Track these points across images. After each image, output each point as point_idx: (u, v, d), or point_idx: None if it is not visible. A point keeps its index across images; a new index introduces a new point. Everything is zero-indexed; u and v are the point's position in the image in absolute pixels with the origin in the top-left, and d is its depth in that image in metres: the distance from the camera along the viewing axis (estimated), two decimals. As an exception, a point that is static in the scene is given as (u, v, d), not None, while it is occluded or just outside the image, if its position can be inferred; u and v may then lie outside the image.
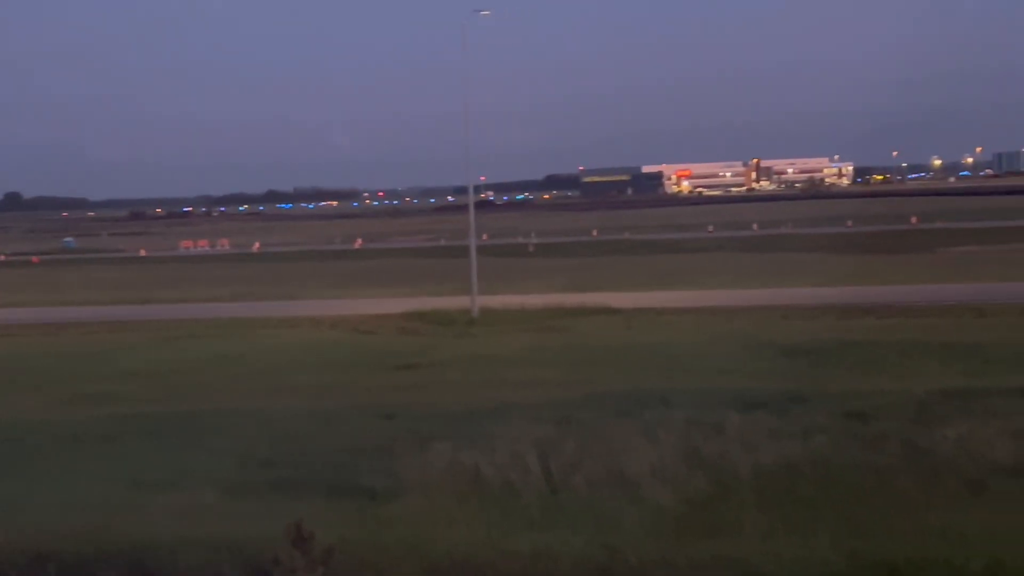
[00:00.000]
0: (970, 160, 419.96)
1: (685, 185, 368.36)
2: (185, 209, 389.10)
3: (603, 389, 33.62)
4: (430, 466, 24.16)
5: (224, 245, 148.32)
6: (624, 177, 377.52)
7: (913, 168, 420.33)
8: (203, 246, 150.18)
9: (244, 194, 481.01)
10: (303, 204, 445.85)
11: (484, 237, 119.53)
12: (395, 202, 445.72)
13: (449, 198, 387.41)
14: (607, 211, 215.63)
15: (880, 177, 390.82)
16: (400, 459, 24.94)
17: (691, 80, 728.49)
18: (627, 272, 79.03)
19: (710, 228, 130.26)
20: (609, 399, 31.43)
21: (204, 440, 28.85)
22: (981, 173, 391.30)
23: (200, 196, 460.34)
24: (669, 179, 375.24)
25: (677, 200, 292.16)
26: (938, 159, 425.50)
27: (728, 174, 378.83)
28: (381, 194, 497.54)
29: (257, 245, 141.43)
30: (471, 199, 65.35)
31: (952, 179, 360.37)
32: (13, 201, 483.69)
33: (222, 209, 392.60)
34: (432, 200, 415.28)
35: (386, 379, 38.32)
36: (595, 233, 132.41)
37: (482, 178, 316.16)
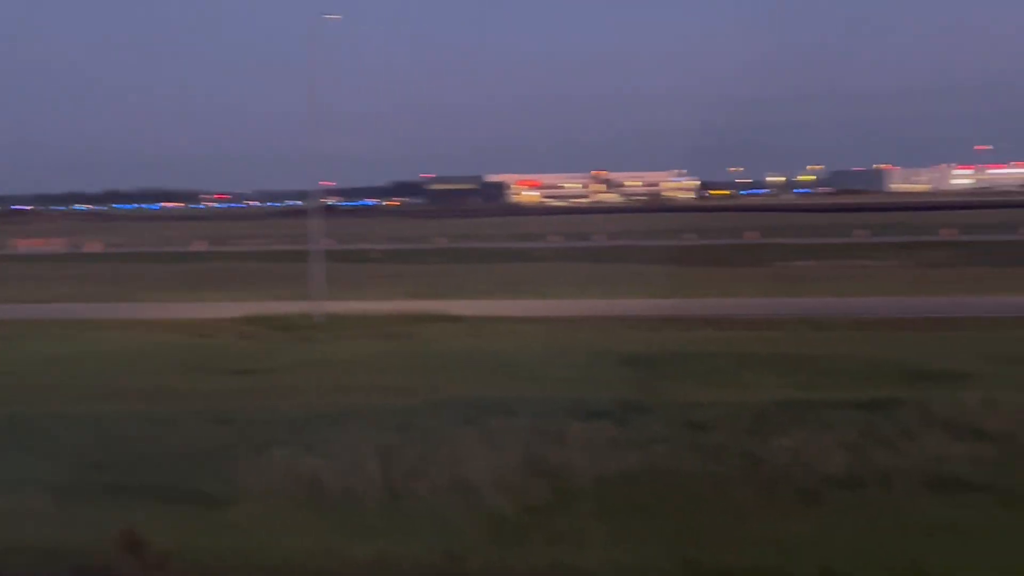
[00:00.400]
0: (807, 177, 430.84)
1: (531, 195, 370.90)
2: (19, 207, 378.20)
3: (446, 396, 33.54)
4: (268, 472, 23.80)
5: (60, 244, 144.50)
6: (471, 186, 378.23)
7: (753, 184, 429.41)
8: (38, 245, 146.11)
9: (83, 193, 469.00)
10: (144, 204, 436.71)
11: (330, 242, 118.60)
12: (239, 204, 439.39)
13: (294, 202, 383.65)
14: (453, 219, 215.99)
15: (721, 192, 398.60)
16: (237, 465, 24.51)
17: (538, 92, 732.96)
18: (473, 280, 79.13)
19: (555, 238, 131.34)
20: (452, 406, 31.37)
21: (32, 443, 27.98)
22: (816, 190, 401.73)
23: (36, 195, 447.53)
24: (515, 189, 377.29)
25: (523, 210, 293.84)
26: (777, 176, 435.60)
27: (573, 185, 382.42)
28: (225, 196, 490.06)
29: (94, 245, 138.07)
30: (316, 203, 64.78)
31: (790, 195, 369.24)
32: None
33: (59, 208, 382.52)
34: (277, 203, 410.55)
35: (224, 384, 37.65)
36: (441, 240, 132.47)
37: (328, 183, 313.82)
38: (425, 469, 23.69)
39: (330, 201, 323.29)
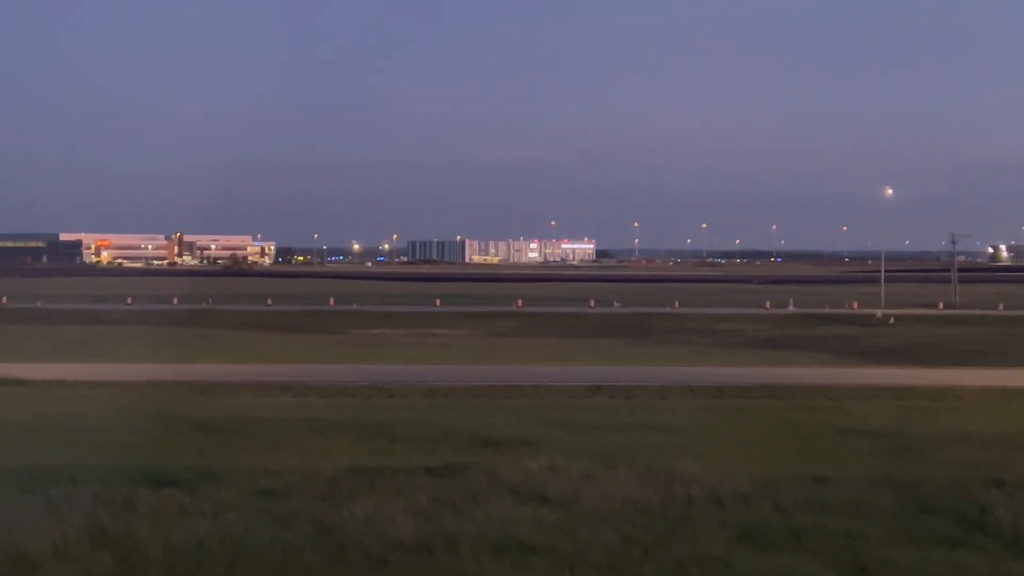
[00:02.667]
0: (387, 246, 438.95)
1: (105, 255, 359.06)
2: None
3: (4, 465, 31.78)
4: None
5: None
6: (39, 244, 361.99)
7: (334, 251, 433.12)
8: None
9: None
10: None
11: None
12: None
13: None
14: (19, 278, 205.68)
15: (302, 258, 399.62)
16: None
17: (111, 153, 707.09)
18: (39, 342, 75.62)
19: (129, 300, 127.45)
20: (11, 475, 29.77)
21: None
22: (396, 259, 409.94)
23: None
24: (89, 248, 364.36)
25: (96, 270, 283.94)
26: (357, 243, 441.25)
27: (150, 246, 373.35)
28: None
29: None
30: None
31: (369, 264, 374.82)
32: None
33: None
34: None
35: None
36: (5, 300, 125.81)
37: None
38: (-22, 542, 22.37)
39: None
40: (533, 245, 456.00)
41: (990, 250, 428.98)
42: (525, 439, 37.46)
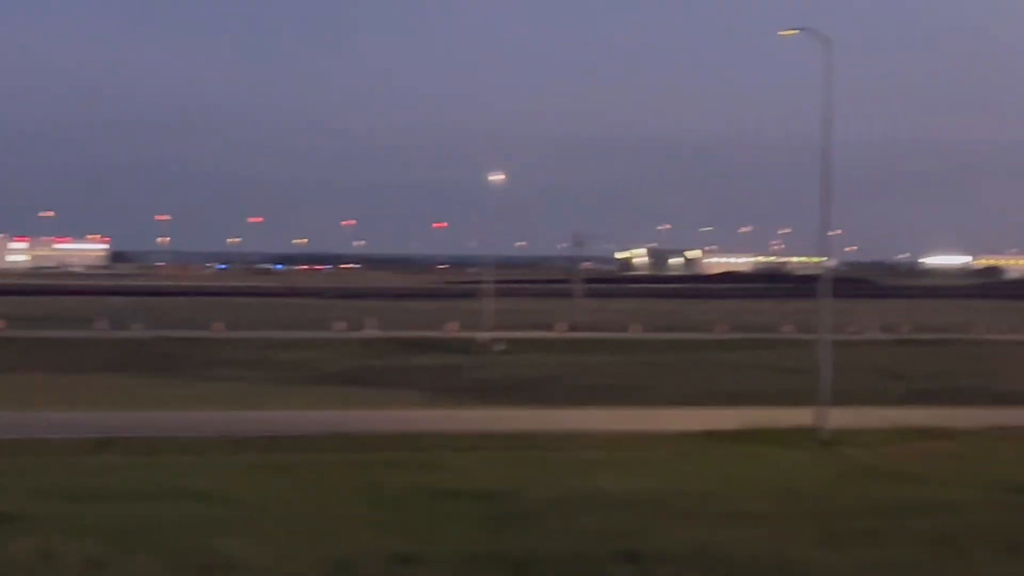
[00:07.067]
0: None
1: None
2: None
3: None
4: None
5: None
6: None
7: None
8: None
9: None
10: None
11: None
12: None
13: None
14: None
15: None
16: None
17: None
18: None
19: None
20: None
21: None
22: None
23: None
24: None
25: None
26: None
27: None
28: None
29: None
30: None
31: None
32: None
33: None
34: None
35: None
36: None
37: None
38: None
39: None
40: (19, 244, 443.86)
41: (627, 255, 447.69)
42: (6, 514, 36.49)
